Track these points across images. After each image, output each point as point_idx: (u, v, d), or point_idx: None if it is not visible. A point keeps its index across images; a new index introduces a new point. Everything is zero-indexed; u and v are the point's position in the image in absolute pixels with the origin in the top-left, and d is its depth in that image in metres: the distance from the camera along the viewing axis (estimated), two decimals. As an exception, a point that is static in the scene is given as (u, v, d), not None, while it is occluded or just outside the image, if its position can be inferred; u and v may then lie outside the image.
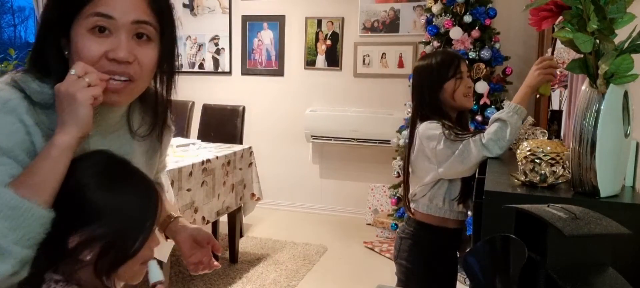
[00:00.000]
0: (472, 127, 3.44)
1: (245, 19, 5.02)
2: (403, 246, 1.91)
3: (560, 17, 1.22)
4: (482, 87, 3.57)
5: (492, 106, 3.57)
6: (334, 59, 4.79)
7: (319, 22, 4.80)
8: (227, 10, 5.07)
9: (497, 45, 3.71)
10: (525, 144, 1.51)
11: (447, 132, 1.77)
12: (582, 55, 1.19)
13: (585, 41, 1.10)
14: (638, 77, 1.12)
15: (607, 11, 1.08)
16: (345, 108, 4.69)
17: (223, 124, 4.13)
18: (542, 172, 1.26)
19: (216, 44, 5.17)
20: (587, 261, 0.52)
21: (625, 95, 1.16)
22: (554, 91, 2.04)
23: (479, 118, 3.57)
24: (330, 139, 4.64)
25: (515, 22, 4.10)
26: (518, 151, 1.52)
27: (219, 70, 5.17)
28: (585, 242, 0.52)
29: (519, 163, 1.46)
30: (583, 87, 1.21)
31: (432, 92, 1.85)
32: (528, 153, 1.46)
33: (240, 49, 5.08)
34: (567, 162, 1.37)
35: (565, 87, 1.89)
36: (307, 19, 4.83)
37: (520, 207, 0.63)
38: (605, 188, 1.16)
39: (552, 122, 2.00)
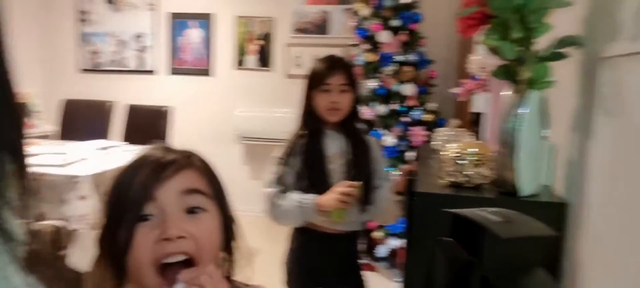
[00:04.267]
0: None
1: (172, 16, 4.87)
2: (287, 251, 1.89)
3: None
4: (408, 89, 3.68)
5: (420, 107, 3.69)
6: (265, 60, 4.76)
7: (250, 22, 4.75)
8: (152, 7, 4.89)
9: (423, 49, 3.84)
10: (451, 145, 1.57)
11: (280, 157, 1.76)
12: (505, 62, 1.25)
13: (509, 49, 1.17)
14: (554, 83, 1.19)
15: (528, 21, 1.15)
16: (276, 109, 4.67)
17: (149, 126, 3.98)
18: (468, 173, 1.32)
19: (140, 42, 4.98)
20: (518, 261, 0.55)
21: (543, 100, 1.24)
22: (475, 94, 2.15)
23: (406, 119, 3.68)
24: (260, 140, 4.60)
25: (439, 28, 4.27)
26: (444, 153, 1.58)
27: (144, 69, 4.98)
28: (516, 243, 0.55)
29: (446, 164, 1.52)
30: (506, 92, 1.28)
31: (304, 95, 1.82)
32: (454, 155, 1.52)
33: (167, 47, 4.92)
34: (490, 162, 1.44)
35: (487, 90, 1.99)
36: (237, 18, 4.76)
37: (457, 212, 0.65)
38: (525, 188, 1.23)
39: (475, 124, 2.10)
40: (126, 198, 0.74)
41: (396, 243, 3.61)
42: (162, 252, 0.73)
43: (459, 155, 1.50)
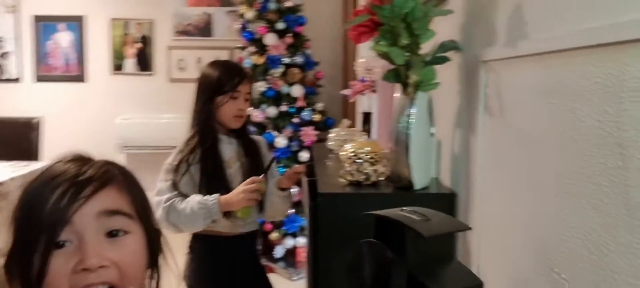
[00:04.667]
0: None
1: (37, 19, 4.46)
2: (187, 262, 1.82)
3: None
4: (297, 91, 3.75)
5: (309, 108, 3.77)
6: (145, 63, 4.55)
7: (126, 24, 4.51)
8: (13, 9, 4.43)
9: (308, 51, 3.93)
10: (348, 145, 1.64)
11: (174, 164, 1.71)
12: (394, 66, 1.34)
13: (398, 54, 1.25)
14: (439, 85, 1.30)
15: (414, 28, 1.25)
16: (161, 115, 4.49)
17: (17, 139, 3.60)
18: (366, 171, 1.39)
19: (0, 47, 4.48)
20: (439, 255, 0.61)
21: (430, 100, 1.35)
22: (363, 95, 2.26)
23: (296, 120, 3.75)
24: (145, 149, 4.39)
25: (322, 30, 4.40)
26: (342, 153, 1.65)
27: (5, 77, 4.50)
28: (437, 239, 0.60)
29: (345, 164, 1.59)
30: (396, 94, 1.37)
31: (204, 99, 1.77)
32: (351, 154, 1.59)
33: (32, 53, 4.49)
34: (384, 160, 1.54)
35: (374, 91, 2.11)
36: (112, 20, 4.49)
37: (378, 213, 0.70)
38: (418, 182, 1.34)
39: (365, 124, 2.21)
40: (38, 221, 0.66)
41: (293, 242, 3.67)
42: (81, 284, 0.65)
43: (355, 154, 1.58)
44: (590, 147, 0.71)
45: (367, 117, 2.18)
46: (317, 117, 3.79)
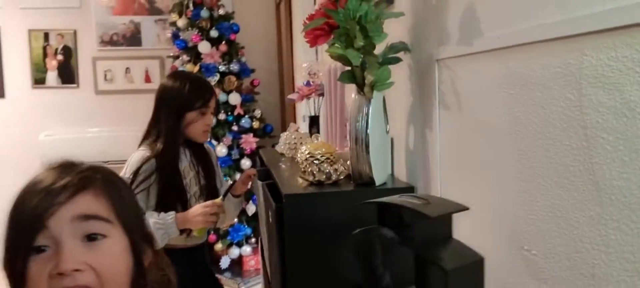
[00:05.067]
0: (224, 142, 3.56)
1: (-57, 31, 4.11)
2: None
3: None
4: (234, 99, 3.72)
5: (246, 116, 3.75)
6: (69, 76, 4.32)
7: (46, 36, 4.26)
8: None
9: (243, 59, 3.92)
10: (303, 148, 1.67)
11: (135, 180, 1.66)
12: (349, 68, 1.38)
13: (355, 56, 1.29)
14: (394, 84, 1.36)
15: (369, 30, 1.29)
16: (89, 129, 4.27)
17: None
18: (327, 170, 1.42)
19: None
20: (439, 235, 0.65)
21: (384, 100, 1.40)
22: (309, 99, 2.28)
23: (235, 128, 3.71)
24: (74, 165, 4.16)
25: (256, 37, 4.39)
26: (298, 155, 1.67)
27: None
28: (440, 219, 0.64)
29: (302, 165, 1.61)
30: (353, 95, 1.41)
31: (171, 114, 1.74)
32: (308, 155, 1.62)
33: (-61, 68, 4.13)
34: (342, 159, 1.57)
35: (321, 95, 2.14)
36: (30, 31, 4.23)
37: (381, 201, 0.72)
38: (378, 178, 1.38)
39: (312, 126, 2.24)
40: (19, 226, 0.68)
41: (238, 251, 3.63)
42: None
43: (311, 155, 1.61)
44: (554, 131, 0.78)
45: (313, 119, 2.21)
46: (256, 124, 3.78)
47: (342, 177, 1.45)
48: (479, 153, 1.03)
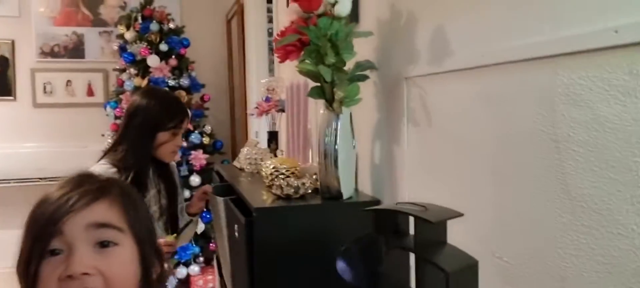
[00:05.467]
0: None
1: None
2: None
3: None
4: (184, 113, 3.65)
5: (195, 131, 3.70)
6: (5, 87, 4.09)
7: (-20, 45, 4.03)
8: None
9: (193, 74, 3.87)
10: (268, 162, 1.68)
11: None
12: (318, 84, 1.41)
13: (327, 72, 1.33)
14: (361, 100, 1.40)
15: (339, 48, 1.33)
16: (25, 143, 4.05)
17: None
18: (295, 184, 1.44)
19: None
20: (435, 240, 0.68)
21: (350, 115, 1.44)
22: (268, 114, 2.30)
23: (184, 143, 3.64)
24: (8, 182, 3.92)
25: (206, 53, 4.36)
26: (263, 169, 1.68)
27: None
28: (439, 224, 0.67)
29: (267, 180, 1.62)
30: (321, 111, 1.44)
31: (142, 132, 1.69)
32: (273, 170, 1.63)
33: None
34: (307, 173, 1.59)
35: (281, 110, 2.16)
36: (-38, 40, 3.99)
37: (381, 208, 0.75)
38: (346, 192, 1.42)
39: (271, 142, 2.25)
40: (36, 230, 0.71)
41: (186, 271, 3.54)
42: None
43: (276, 169, 1.62)
44: (526, 144, 0.84)
45: (272, 135, 2.23)
46: (206, 140, 3.73)
47: (309, 191, 1.47)
48: (450, 166, 1.08)
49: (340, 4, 1.30)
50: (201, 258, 3.64)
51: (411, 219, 0.69)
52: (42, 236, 0.70)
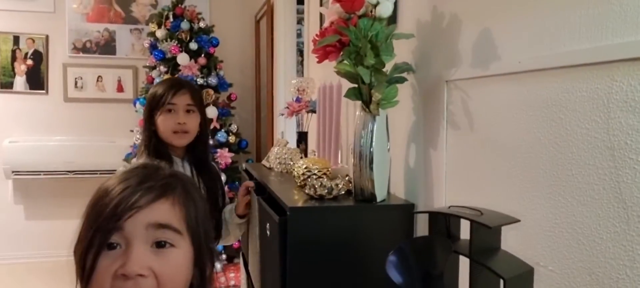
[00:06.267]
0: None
1: None
2: None
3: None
4: (211, 112, 3.69)
5: (222, 130, 3.73)
6: (37, 81, 4.18)
7: (16, 39, 4.12)
8: None
9: (221, 73, 3.90)
10: (300, 162, 1.68)
11: None
12: (355, 85, 1.41)
13: (366, 74, 1.32)
14: (398, 103, 1.39)
15: (379, 49, 1.33)
16: (55, 137, 4.13)
17: None
18: (329, 185, 1.43)
19: None
20: (490, 246, 0.67)
21: (387, 118, 1.43)
22: (298, 115, 2.30)
23: (210, 141, 3.67)
24: (38, 174, 4.00)
25: (233, 52, 4.39)
26: (295, 169, 1.68)
27: None
28: (495, 230, 0.66)
29: (299, 179, 1.62)
30: (357, 112, 1.43)
31: (147, 121, 1.70)
32: (305, 170, 1.63)
33: None
34: (339, 174, 1.59)
35: (312, 111, 2.16)
36: (-1, 34, 4.09)
37: (436, 211, 0.74)
38: (380, 194, 1.41)
39: (300, 142, 2.25)
40: (97, 221, 0.71)
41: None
42: None
43: (309, 171, 1.62)
44: (577, 151, 0.83)
45: (301, 136, 2.23)
46: (232, 139, 3.76)
47: (342, 193, 1.46)
48: (492, 172, 1.06)
49: (382, 5, 1.30)
50: (224, 256, 3.66)
51: (463, 223, 0.68)
52: (103, 229, 0.70)
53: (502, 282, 0.60)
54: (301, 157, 2.01)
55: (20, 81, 4.13)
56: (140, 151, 1.72)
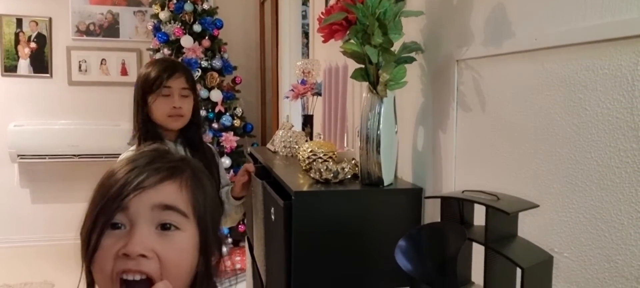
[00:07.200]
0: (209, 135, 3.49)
1: None
2: None
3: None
4: (216, 95, 3.66)
5: (227, 113, 3.69)
6: (41, 65, 4.15)
7: (19, 22, 4.09)
8: None
9: (225, 55, 3.85)
10: (305, 146, 1.64)
11: None
12: (362, 66, 1.36)
13: (373, 53, 1.28)
14: (407, 84, 1.35)
15: (387, 28, 1.28)
16: (60, 121, 4.11)
17: None
18: (335, 169, 1.40)
19: None
20: (507, 232, 0.63)
21: (394, 99, 1.39)
22: (303, 97, 2.26)
23: (215, 125, 3.64)
24: (43, 157, 4.00)
25: (237, 35, 4.34)
26: (300, 153, 1.64)
27: None
28: (513, 216, 0.62)
29: (304, 163, 1.58)
30: (364, 94, 1.39)
31: (138, 104, 1.65)
32: (310, 153, 1.59)
33: None
34: (345, 158, 1.55)
35: (317, 94, 2.12)
36: (2, 16, 4.05)
37: (448, 196, 0.70)
38: (387, 178, 1.37)
39: (305, 125, 2.21)
40: (103, 201, 0.70)
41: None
42: (121, 268, 0.69)
43: (314, 154, 1.58)
44: (598, 133, 0.78)
45: (307, 119, 2.19)
46: (237, 123, 3.72)
47: (348, 176, 1.43)
48: (505, 154, 1.02)
49: (390, -19, 1.24)
50: (229, 240, 3.65)
51: (477, 209, 0.64)
52: (107, 209, 0.69)
53: (519, 271, 0.57)
54: (306, 141, 1.98)
55: (24, 64, 4.11)
56: (133, 136, 1.68)
